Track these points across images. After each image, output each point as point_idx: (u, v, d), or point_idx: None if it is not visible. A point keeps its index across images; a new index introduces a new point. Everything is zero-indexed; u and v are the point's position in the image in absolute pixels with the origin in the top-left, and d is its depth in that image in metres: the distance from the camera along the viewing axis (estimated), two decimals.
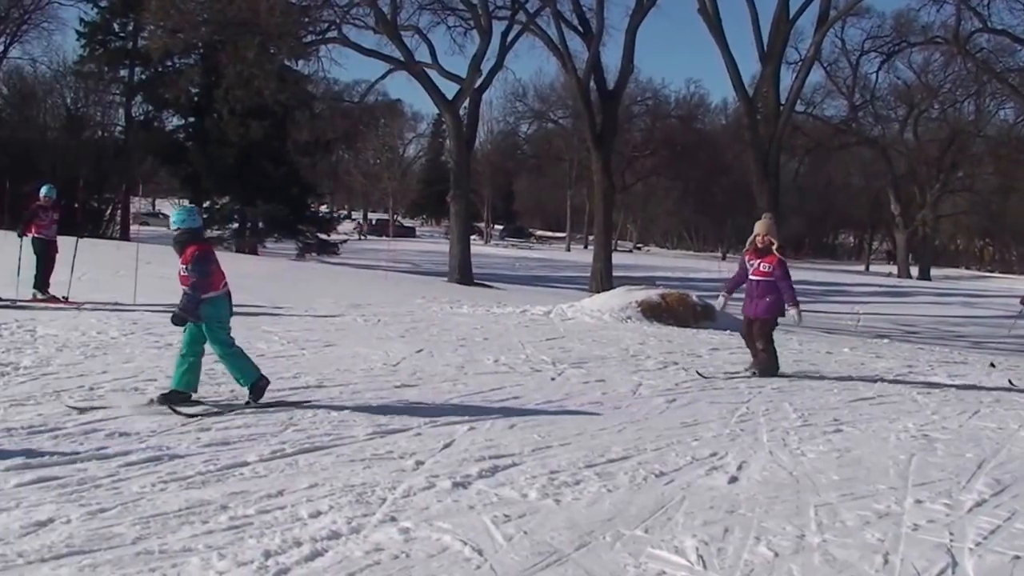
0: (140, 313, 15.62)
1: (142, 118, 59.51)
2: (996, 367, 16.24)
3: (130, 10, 52.54)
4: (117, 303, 16.67)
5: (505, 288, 37.41)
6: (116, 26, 57.69)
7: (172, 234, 9.10)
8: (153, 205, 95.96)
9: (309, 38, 41.22)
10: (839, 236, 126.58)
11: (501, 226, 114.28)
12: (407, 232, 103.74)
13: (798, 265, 63.52)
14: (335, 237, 58.77)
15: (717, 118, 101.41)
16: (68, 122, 58.28)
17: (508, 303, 23.25)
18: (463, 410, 9.47)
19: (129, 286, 17.88)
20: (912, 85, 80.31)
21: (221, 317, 9.08)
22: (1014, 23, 68.63)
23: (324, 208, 68.75)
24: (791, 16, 39.08)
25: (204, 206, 55.91)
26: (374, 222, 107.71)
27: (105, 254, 25.37)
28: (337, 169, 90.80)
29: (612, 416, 9.70)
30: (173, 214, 9.21)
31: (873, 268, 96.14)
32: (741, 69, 38.55)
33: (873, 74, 77.01)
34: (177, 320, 8.88)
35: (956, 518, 6.70)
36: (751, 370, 13.51)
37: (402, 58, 40.43)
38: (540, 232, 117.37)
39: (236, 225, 55.06)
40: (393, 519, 5.93)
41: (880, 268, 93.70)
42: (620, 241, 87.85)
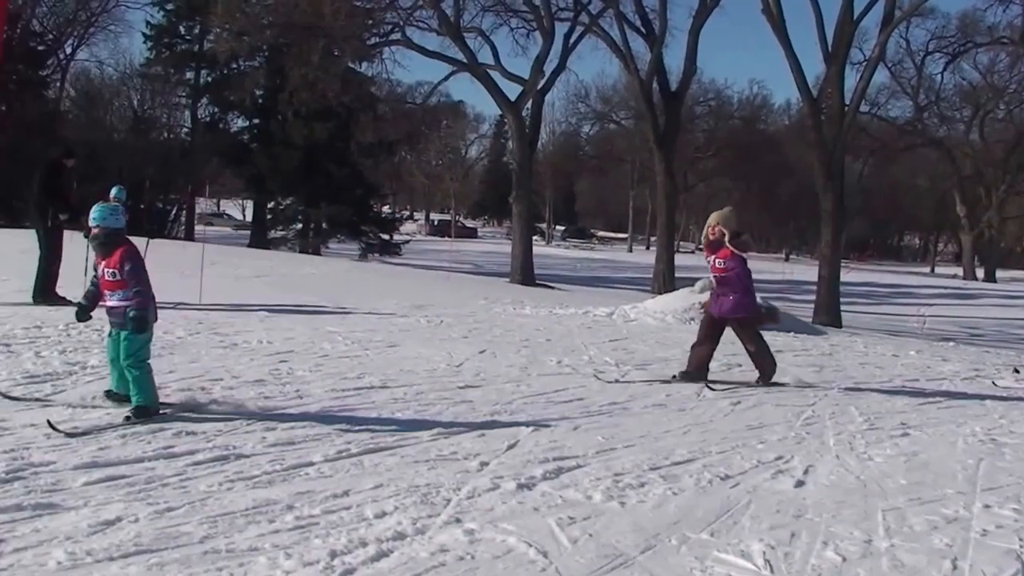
0: (206, 313, 15.71)
1: (207, 120, 60.09)
2: (1021, 372, 15.86)
3: (196, 13, 53.10)
4: (182, 303, 16.79)
5: (567, 289, 37.35)
6: (182, 29, 58.28)
7: (94, 232, 8.47)
8: (218, 206, 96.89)
9: (373, 40, 41.36)
10: (904, 238, 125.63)
11: (563, 227, 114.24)
12: (469, 233, 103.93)
13: (862, 267, 63.11)
14: (398, 237, 58.96)
15: (780, 119, 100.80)
16: (135, 124, 58.94)
17: (570, 304, 23.20)
18: (527, 411, 9.46)
19: (195, 286, 17.99)
20: (978, 86, 79.48)
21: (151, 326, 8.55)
22: None
23: (387, 209, 68.94)
24: (855, 17, 38.69)
25: (268, 207, 56.43)
26: (436, 223, 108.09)
27: (170, 254, 25.52)
28: (400, 170, 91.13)
29: (676, 418, 9.66)
30: (94, 211, 8.45)
31: (938, 270, 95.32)
32: (805, 69, 38.20)
33: (938, 75, 76.29)
34: (140, 329, 8.27)
35: None
36: (678, 376, 12.24)
37: (465, 60, 40.47)
38: (601, 233, 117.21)
39: (300, 226, 55.45)
40: (458, 520, 5.94)
41: (945, 270, 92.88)
42: (682, 242, 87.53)
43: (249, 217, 69.71)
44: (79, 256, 16.45)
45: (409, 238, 64.91)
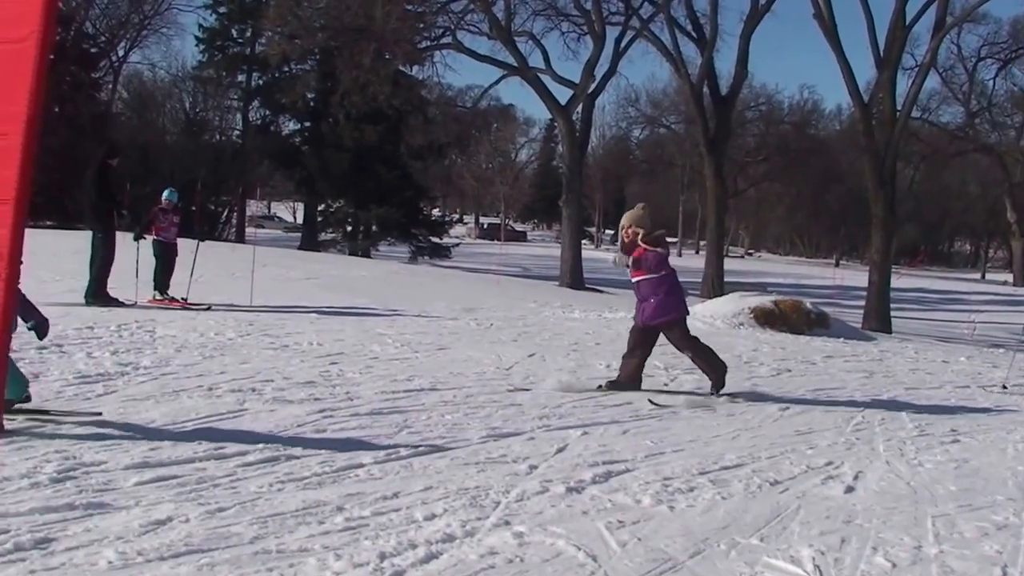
0: (256, 314, 15.81)
1: (259, 122, 60.48)
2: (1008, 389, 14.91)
3: (248, 16, 53.57)
4: (234, 304, 16.90)
5: (616, 293, 37.29)
6: (234, 32, 58.71)
7: None
8: (268, 208, 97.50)
9: (424, 44, 41.54)
10: (955, 244, 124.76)
11: (612, 231, 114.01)
12: (518, 236, 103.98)
13: (913, 273, 62.63)
14: (447, 240, 59.08)
15: (831, 124, 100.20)
16: (187, 126, 59.41)
17: (619, 308, 23.14)
18: (576, 415, 9.46)
19: (245, 288, 18.10)
20: None
21: None
22: None
23: (436, 212, 69.11)
24: (907, 22, 38.51)
25: (319, 209, 56.70)
26: (486, 226, 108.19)
27: (222, 256, 25.69)
28: (449, 173, 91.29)
29: (726, 423, 9.63)
30: None
31: (989, 276, 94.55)
32: (856, 74, 38.15)
33: (990, 80, 75.84)
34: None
35: None
36: (604, 387, 11.15)
37: (516, 63, 40.59)
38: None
39: (350, 228, 55.67)
40: (507, 523, 5.93)
41: (996, 276, 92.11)
42: (732, 247, 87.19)
43: (299, 219, 70.18)
44: (130, 258, 16.62)
45: (458, 241, 65.04)
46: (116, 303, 15.67)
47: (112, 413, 8.02)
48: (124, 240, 16.38)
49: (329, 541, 5.41)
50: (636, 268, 11.38)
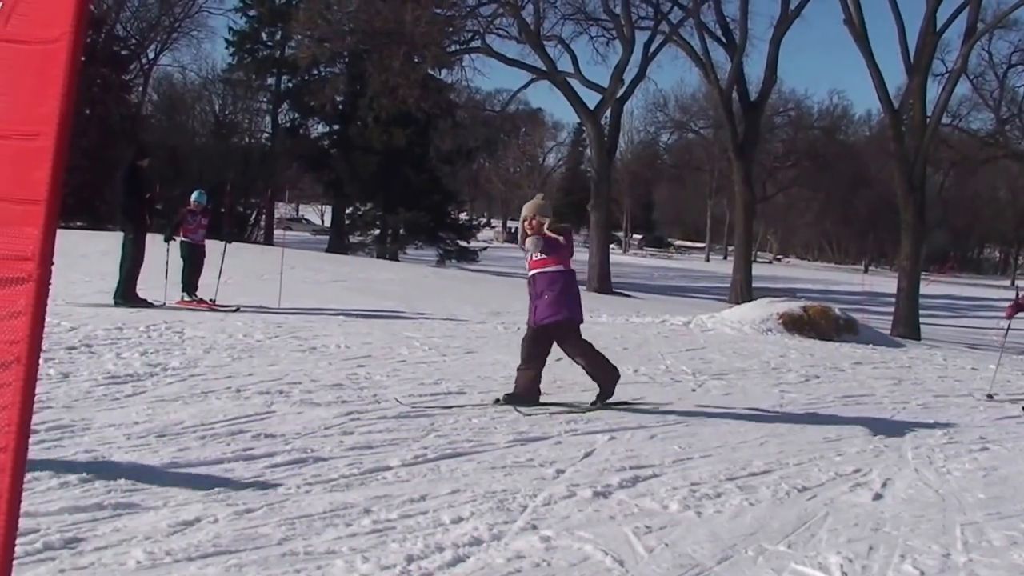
0: (284, 316, 15.86)
1: (288, 125, 60.58)
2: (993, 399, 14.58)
3: (278, 20, 53.66)
4: (262, 306, 16.95)
5: (643, 298, 37.28)
6: (264, 35, 58.77)
7: None
8: (297, 210, 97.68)
9: (453, 47, 41.54)
10: (985, 250, 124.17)
11: (640, 236, 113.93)
12: None
13: (942, 280, 62.34)
14: (475, 244, 59.12)
15: (861, 130, 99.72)
16: (216, 128, 59.52)
17: (647, 313, 23.12)
18: (603, 419, 9.44)
19: (274, 290, 18.16)
20: None
21: None
22: None
23: (464, 215, 69.12)
24: (938, 28, 38.32)
25: (347, 212, 56.80)
26: (513, 230, 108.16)
27: (250, 258, 25.78)
28: (478, 177, 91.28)
29: (753, 429, 9.60)
30: None
31: (1019, 283, 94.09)
32: (886, 80, 37.91)
33: (1021, 87, 75.17)
34: None
35: None
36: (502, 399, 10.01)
37: (544, 68, 40.56)
38: (679, 242, 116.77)
39: (378, 231, 55.75)
40: (534, 527, 5.93)
41: None
42: (760, 252, 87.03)
43: (328, 222, 70.29)
44: (159, 259, 16.70)
45: (486, 245, 65.07)
46: (145, 304, 15.75)
47: (141, 414, 8.06)
48: (154, 241, 16.46)
49: (356, 543, 5.42)
50: (547, 254, 10.16)
